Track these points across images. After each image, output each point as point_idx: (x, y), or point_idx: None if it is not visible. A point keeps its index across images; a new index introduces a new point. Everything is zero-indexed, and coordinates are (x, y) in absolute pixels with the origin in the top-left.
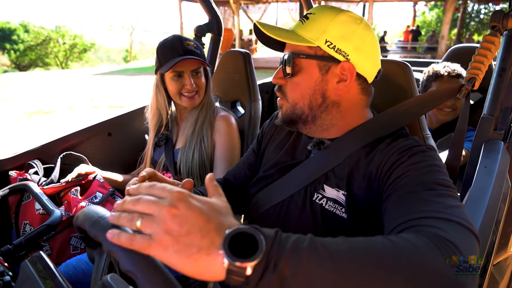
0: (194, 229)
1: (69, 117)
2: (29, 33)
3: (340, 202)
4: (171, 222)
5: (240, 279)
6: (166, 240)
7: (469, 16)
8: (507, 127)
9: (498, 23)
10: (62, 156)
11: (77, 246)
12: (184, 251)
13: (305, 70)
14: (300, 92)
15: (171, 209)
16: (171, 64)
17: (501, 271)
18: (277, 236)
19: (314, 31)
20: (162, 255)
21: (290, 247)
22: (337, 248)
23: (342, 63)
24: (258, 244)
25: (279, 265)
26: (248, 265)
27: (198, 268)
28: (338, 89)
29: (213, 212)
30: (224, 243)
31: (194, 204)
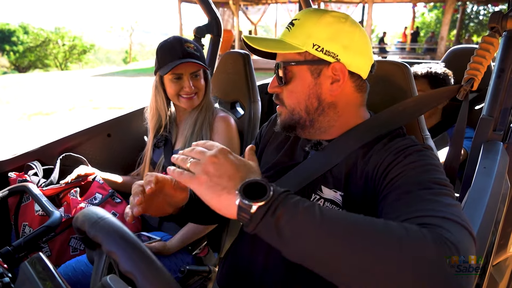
0: (225, 174)
1: (68, 119)
2: (29, 35)
3: (337, 203)
4: (210, 166)
5: (246, 216)
6: (203, 178)
7: (468, 17)
8: (506, 128)
9: (497, 24)
10: (61, 158)
11: (77, 247)
12: (213, 187)
13: (298, 76)
14: (295, 98)
15: (212, 157)
16: (170, 67)
17: (501, 271)
18: (284, 192)
19: (300, 36)
20: (197, 188)
21: (292, 202)
22: (332, 214)
23: (333, 64)
24: (266, 192)
25: (277, 212)
26: (253, 205)
27: (219, 202)
28: (333, 90)
29: (243, 167)
30: (241, 186)
31: (230, 158)
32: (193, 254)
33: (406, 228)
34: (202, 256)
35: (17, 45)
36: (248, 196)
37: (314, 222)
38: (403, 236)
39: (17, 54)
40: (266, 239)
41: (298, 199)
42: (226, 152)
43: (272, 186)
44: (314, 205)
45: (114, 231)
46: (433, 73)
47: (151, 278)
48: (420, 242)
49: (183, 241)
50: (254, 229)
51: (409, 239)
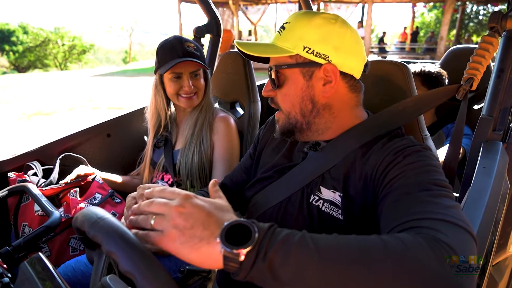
0: (197, 223)
1: (68, 119)
2: (28, 35)
3: (336, 204)
4: (178, 218)
5: (235, 265)
6: (174, 233)
7: (468, 17)
8: (505, 128)
9: (496, 24)
10: (61, 158)
11: (76, 247)
12: (188, 241)
13: (290, 79)
14: (290, 102)
15: (178, 208)
16: (169, 66)
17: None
18: (270, 228)
19: (291, 40)
20: (170, 246)
21: (281, 239)
22: (326, 243)
23: (324, 66)
24: (251, 234)
25: (269, 254)
26: (241, 252)
27: (200, 257)
28: (326, 91)
29: (214, 209)
30: (222, 233)
31: (197, 203)
32: None
33: (403, 241)
34: None
35: (16, 45)
36: (231, 241)
37: (312, 256)
38: (403, 250)
39: (17, 54)
40: (260, 284)
41: (286, 233)
42: (190, 198)
43: (255, 225)
44: (305, 236)
45: (114, 231)
46: (426, 72)
47: (151, 278)
48: (420, 253)
49: None
50: (246, 276)
51: (410, 252)
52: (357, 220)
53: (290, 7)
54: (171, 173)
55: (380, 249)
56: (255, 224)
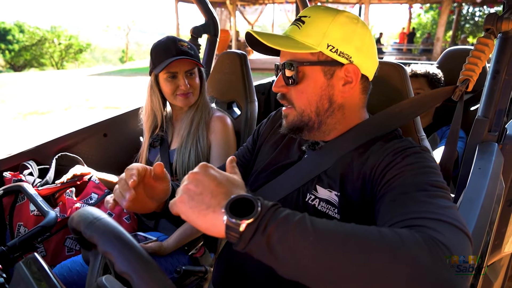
0: (206, 190)
1: (64, 118)
2: (24, 33)
3: (333, 203)
4: (190, 183)
5: (235, 235)
6: (184, 197)
7: (464, 18)
8: (501, 129)
9: (492, 25)
10: (57, 157)
11: (72, 247)
12: (196, 207)
13: (310, 76)
14: (306, 99)
15: (191, 174)
16: (164, 65)
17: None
18: (273, 206)
19: (314, 36)
20: (180, 209)
21: (282, 217)
22: (324, 226)
23: (346, 66)
24: (254, 208)
25: (268, 229)
26: (242, 223)
27: (206, 223)
28: (344, 92)
29: (225, 181)
30: (227, 203)
31: (211, 172)
32: (189, 255)
33: (399, 234)
34: (198, 257)
35: (12, 43)
36: (235, 213)
37: (307, 236)
38: (399, 243)
39: (13, 53)
40: (258, 257)
41: (287, 212)
42: (205, 167)
43: (259, 201)
44: (305, 217)
45: (110, 231)
46: (431, 73)
47: (147, 278)
48: (415, 248)
49: (179, 241)
50: (244, 247)
51: (404, 246)
52: (354, 220)
53: (288, 7)
54: (167, 172)
55: (376, 239)
56: (260, 200)
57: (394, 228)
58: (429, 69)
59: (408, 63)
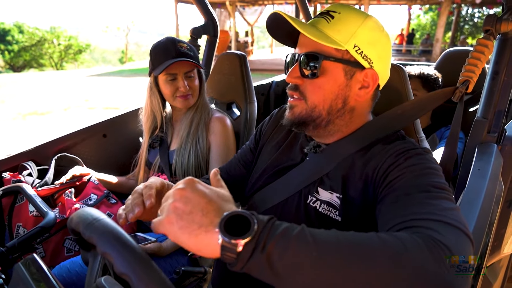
0: (196, 208)
1: (64, 119)
2: (24, 34)
3: (334, 205)
4: (178, 201)
5: (232, 256)
6: (172, 217)
7: (463, 19)
8: (500, 130)
9: (491, 27)
10: (56, 158)
11: (71, 248)
12: (186, 227)
13: (330, 73)
14: (322, 95)
15: (178, 191)
16: (164, 67)
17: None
18: (269, 221)
19: (343, 33)
20: (169, 230)
21: (280, 232)
22: (325, 238)
23: (367, 70)
24: (250, 225)
25: (267, 246)
26: (239, 243)
27: (198, 244)
28: (360, 96)
29: (215, 197)
30: (221, 222)
31: (199, 188)
32: (188, 255)
33: (400, 239)
34: (197, 257)
35: (12, 44)
36: (230, 231)
37: (309, 250)
38: (400, 249)
39: (12, 54)
40: (257, 275)
41: (285, 227)
42: (193, 183)
43: (255, 217)
44: (304, 230)
45: (109, 232)
46: (425, 74)
47: (146, 279)
48: (417, 252)
49: None
50: (243, 268)
51: (406, 251)
52: (355, 222)
53: (287, 8)
54: (167, 173)
55: (378, 246)
56: (255, 216)
57: (394, 233)
58: (423, 70)
59: (408, 64)
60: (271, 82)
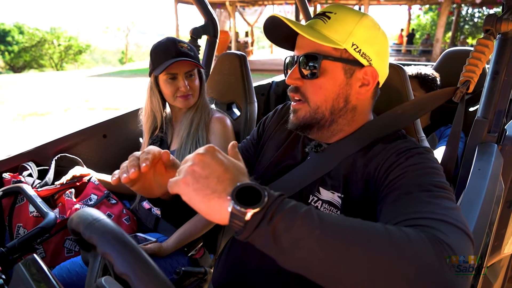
0: (212, 174)
1: (64, 119)
2: (24, 35)
3: (335, 205)
4: (196, 165)
5: (240, 224)
6: (189, 178)
7: (463, 19)
8: (500, 130)
9: (491, 26)
10: (56, 158)
11: (72, 248)
12: (201, 190)
13: (330, 72)
14: (323, 95)
15: (198, 155)
16: (164, 66)
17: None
18: (280, 197)
19: (340, 32)
20: (183, 190)
21: (288, 208)
22: (331, 220)
23: (366, 68)
24: (261, 197)
25: (274, 219)
26: (248, 212)
27: (209, 208)
28: (360, 94)
29: (232, 167)
30: (234, 190)
31: (218, 156)
32: (189, 256)
33: (406, 232)
34: (198, 258)
35: (12, 45)
36: (241, 201)
37: (314, 228)
38: (405, 241)
39: (12, 54)
40: (261, 247)
41: (294, 203)
42: (213, 150)
43: (266, 191)
44: (311, 210)
45: (109, 232)
46: (422, 74)
47: (146, 280)
48: (421, 247)
49: (179, 242)
50: (248, 236)
51: (411, 244)
52: None
53: (287, 9)
54: None
55: (383, 235)
56: (266, 190)
57: (400, 227)
58: (420, 70)
59: (408, 64)
60: (271, 82)
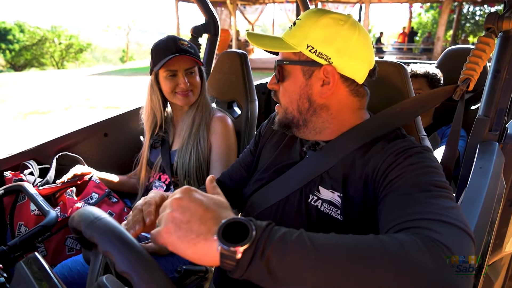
0: (194, 217)
1: (65, 118)
2: (25, 33)
3: (336, 204)
4: (175, 211)
5: (232, 263)
6: (170, 227)
7: (464, 17)
8: (502, 128)
9: (493, 25)
10: (57, 157)
11: (73, 247)
12: (185, 236)
13: (291, 75)
14: (288, 97)
15: (175, 200)
16: (164, 61)
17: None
18: (268, 227)
19: (298, 37)
20: (167, 240)
21: (278, 237)
22: (324, 242)
23: (324, 67)
24: (249, 232)
25: (266, 252)
26: (238, 250)
27: (197, 252)
28: (323, 92)
29: (212, 205)
30: (219, 230)
31: (196, 197)
32: None
33: (400, 241)
34: None
35: (13, 43)
36: (228, 238)
37: (308, 254)
38: (400, 251)
39: (13, 53)
40: (257, 282)
41: (283, 231)
42: (190, 191)
43: (253, 223)
44: (302, 235)
45: (110, 231)
46: (431, 73)
47: (148, 278)
48: (417, 253)
49: None
50: (243, 275)
51: (406, 253)
52: (357, 221)
53: (288, 7)
54: (168, 173)
55: (377, 249)
56: (253, 222)
57: (393, 234)
58: (429, 69)
59: (409, 62)
60: None
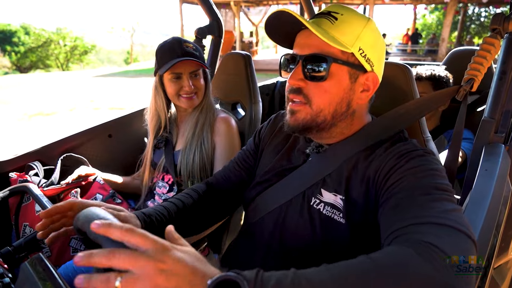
0: (182, 281)
1: (69, 119)
2: (30, 35)
3: (338, 207)
4: (158, 277)
5: None
6: None
7: (469, 19)
8: (507, 130)
9: (498, 26)
10: (62, 158)
11: (77, 248)
12: None
13: (336, 76)
14: (328, 99)
15: (157, 263)
16: (169, 65)
17: (502, 274)
18: (258, 277)
19: (349, 35)
20: None
21: (272, 286)
22: (320, 278)
23: (368, 73)
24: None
25: None
26: None
27: None
28: (361, 99)
29: (196, 262)
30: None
31: (179, 256)
32: None
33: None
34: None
35: (18, 45)
36: None
37: None
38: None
39: (19, 55)
40: None
41: (276, 279)
42: (169, 250)
43: (242, 277)
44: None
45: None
46: (436, 76)
47: None
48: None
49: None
50: None
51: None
52: (359, 224)
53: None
54: (172, 174)
55: (373, 270)
56: (242, 276)
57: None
58: (435, 71)
59: (415, 64)
60: (276, 82)
